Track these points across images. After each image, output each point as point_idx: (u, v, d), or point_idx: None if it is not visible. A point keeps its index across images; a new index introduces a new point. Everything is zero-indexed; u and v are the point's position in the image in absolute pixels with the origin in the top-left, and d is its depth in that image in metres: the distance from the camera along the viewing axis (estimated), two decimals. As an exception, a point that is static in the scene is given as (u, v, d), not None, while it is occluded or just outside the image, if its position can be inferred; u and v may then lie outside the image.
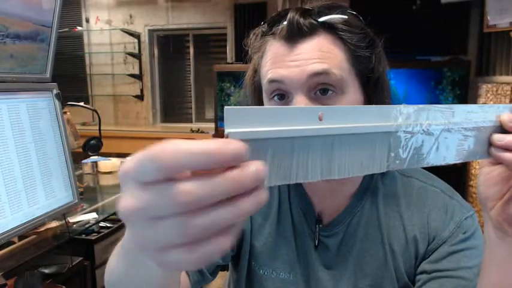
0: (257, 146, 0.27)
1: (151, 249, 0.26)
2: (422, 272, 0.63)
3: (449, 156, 0.39)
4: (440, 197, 0.66)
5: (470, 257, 0.61)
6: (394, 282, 0.65)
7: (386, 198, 0.67)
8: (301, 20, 0.57)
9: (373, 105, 0.35)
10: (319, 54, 0.56)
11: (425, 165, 0.37)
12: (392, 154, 0.34)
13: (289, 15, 0.57)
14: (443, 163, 0.38)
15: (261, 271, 0.71)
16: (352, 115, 0.32)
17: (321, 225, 0.68)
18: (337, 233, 0.68)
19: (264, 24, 0.64)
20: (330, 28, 0.58)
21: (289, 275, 0.70)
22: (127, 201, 0.25)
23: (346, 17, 0.59)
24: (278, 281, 0.70)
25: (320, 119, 0.30)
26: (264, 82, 0.60)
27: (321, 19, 0.57)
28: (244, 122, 0.26)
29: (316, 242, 0.68)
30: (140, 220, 0.26)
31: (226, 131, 0.26)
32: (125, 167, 0.26)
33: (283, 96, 0.59)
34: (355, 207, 0.67)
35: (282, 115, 0.28)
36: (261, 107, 0.28)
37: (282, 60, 0.58)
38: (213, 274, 0.71)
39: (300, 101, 0.56)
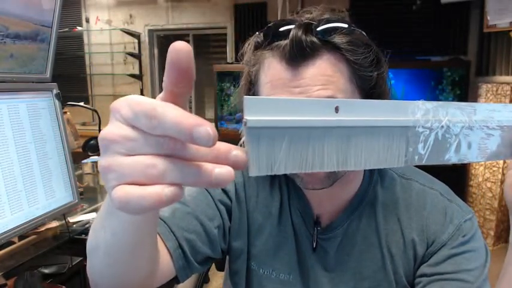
0: (274, 133, 0.28)
1: (108, 179, 0.28)
2: (422, 275, 0.63)
3: (471, 154, 0.38)
4: (440, 200, 0.66)
5: (470, 259, 0.61)
6: (393, 285, 0.65)
7: (384, 201, 0.67)
8: (303, 38, 0.53)
9: (390, 100, 0.34)
10: (323, 79, 0.54)
11: (445, 162, 0.37)
12: (411, 149, 0.34)
13: (292, 33, 0.54)
14: (465, 161, 0.38)
15: (261, 270, 0.71)
16: (368, 109, 0.32)
17: (319, 228, 0.68)
18: (335, 236, 0.67)
19: (259, 34, 0.60)
20: (333, 48, 0.55)
21: (289, 277, 0.69)
22: (109, 131, 0.28)
23: (349, 37, 0.55)
24: (278, 281, 0.70)
25: (336, 111, 0.30)
26: None
27: (325, 38, 0.54)
28: (262, 111, 0.27)
29: (314, 244, 0.68)
30: (112, 150, 0.28)
31: (245, 118, 0.27)
32: (117, 106, 0.29)
33: None
34: (353, 211, 0.67)
35: (299, 106, 0.29)
36: (279, 97, 0.29)
37: (283, 85, 0.55)
38: (202, 264, 0.67)
39: None
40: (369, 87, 0.58)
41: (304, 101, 0.30)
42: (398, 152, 0.34)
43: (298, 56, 0.54)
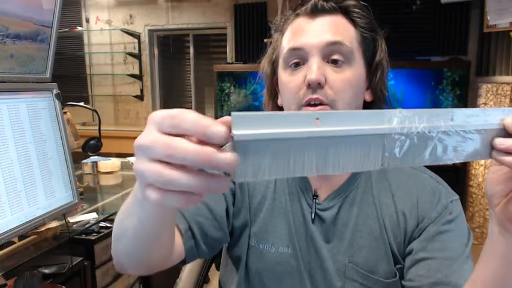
0: (259, 145, 0.31)
1: (140, 180, 0.35)
2: (411, 252, 0.68)
3: (446, 156, 0.40)
4: (429, 181, 0.73)
5: (455, 238, 0.67)
6: (389, 256, 0.70)
7: (379, 178, 0.74)
8: (324, 3, 0.68)
9: (368, 110, 0.37)
10: (336, 28, 0.67)
11: (421, 164, 0.39)
12: (387, 154, 0.37)
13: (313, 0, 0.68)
14: (440, 163, 0.40)
15: (261, 246, 0.75)
16: (347, 119, 0.34)
17: (317, 201, 0.73)
18: (332, 207, 0.72)
19: (289, 10, 0.74)
20: (345, 12, 0.69)
21: (288, 249, 0.74)
22: (144, 138, 0.34)
23: (358, 5, 0.70)
24: (277, 254, 0.74)
25: (317, 123, 0.33)
26: (284, 51, 0.69)
27: (340, 4, 0.69)
28: (248, 126, 0.31)
29: (313, 215, 0.73)
30: (143, 155, 0.34)
31: (233, 132, 0.31)
32: (154, 116, 0.34)
33: (298, 64, 0.68)
34: (350, 185, 0.73)
35: (282, 119, 0.32)
36: (263, 113, 0.32)
37: (302, 29, 0.68)
38: (210, 248, 0.72)
39: (315, 62, 0.65)
40: (370, 53, 0.71)
41: (287, 114, 0.33)
42: (375, 158, 0.36)
43: (317, 10, 0.68)
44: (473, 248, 0.69)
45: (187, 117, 0.32)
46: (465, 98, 3.23)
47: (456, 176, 3.10)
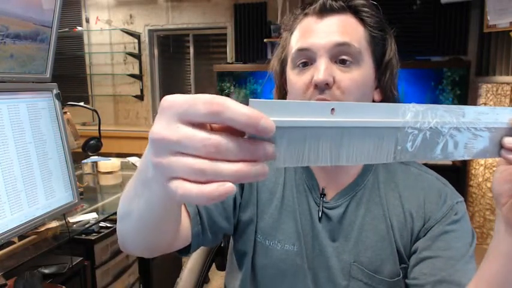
0: (275, 132, 0.31)
1: (164, 174, 0.31)
2: (416, 251, 0.69)
3: (457, 152, 0.40)
4: (435, 183, 0.74)
5: (459, 238, 0.68)
6: (395, 256, 0.70)
7: (386, 179, 0.74)
8: (332, 2, 0.67)
9: (383, 103, 0.37)
10: (344, 28, 0.66)
11: (433, 159, 0.39)
12: (399, 147, 0.37)
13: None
14: (451, 159, 0.40)
15: (267, 242, 0.76)
16: (362, 111, 0.34)
17: (324, 199, 0.73)
18: (339, 205, 0.73)
19: (298, 9, 0.74)
20: (354, 11, 0.68)
21: (293, 247, 0.74)
22: (162, 130, 0.30)
23: (367, 4, 0.70)
24: (283, 252, 0.74)
25: (332, 113, 0.33)
26: (293, 52, 0.69)
27: (349, 4, 0.68)
28: (266, 112, 0.30)
29: (320, 214, 0.73)
30: (167, 149, 0.30)
31: None
32: (173, 101, 0.30)
33: (306, 64, 0.67)
34: (357, 185, 0.73)
35: (299, 107, 0.32)
36: (280, 100, 0.32)
37: (311, 30, 0.67)
38: (214, 236, 0.73)
39: (323, 63, 0.64)
40: (380, 53, 0.70)
41: (303, 103, 0.32)
42: (387, 150, 0.36)
43: (326, 10, 0.67)
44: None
45: (229, 104, 0.28)
46: (465, 98, 3.23)
47: (456, 176, 3.10)
